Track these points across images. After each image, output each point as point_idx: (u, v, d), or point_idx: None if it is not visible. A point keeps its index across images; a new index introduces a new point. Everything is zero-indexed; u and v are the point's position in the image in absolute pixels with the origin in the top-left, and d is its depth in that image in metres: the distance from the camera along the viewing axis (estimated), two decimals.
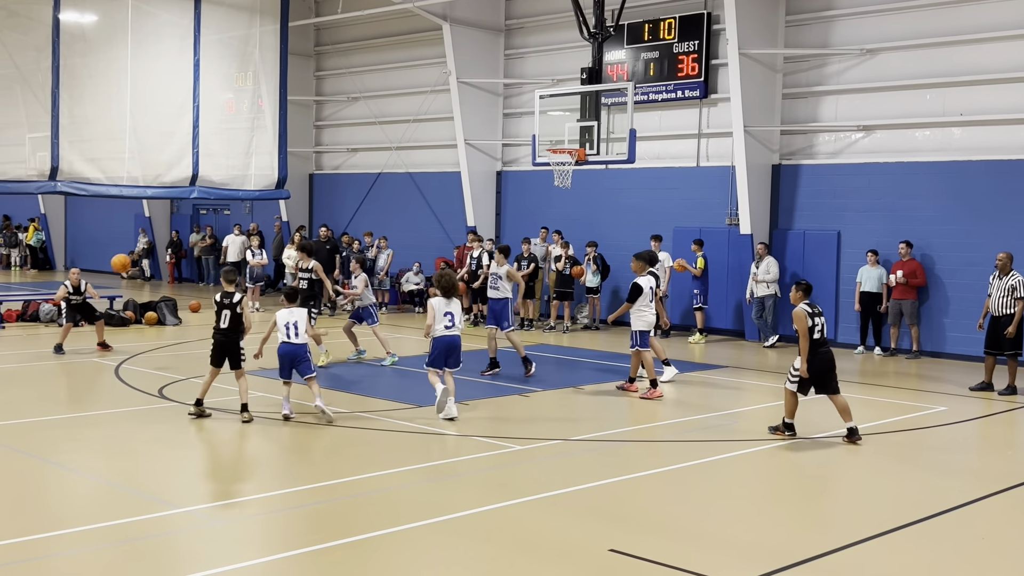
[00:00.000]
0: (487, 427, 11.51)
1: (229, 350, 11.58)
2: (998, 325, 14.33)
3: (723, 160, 20.33)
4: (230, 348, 11.58)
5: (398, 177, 26.22)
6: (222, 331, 11.53)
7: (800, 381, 10.93)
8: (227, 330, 11.52)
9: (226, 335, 11.55)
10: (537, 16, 23.40)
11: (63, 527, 7.68)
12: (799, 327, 10.77)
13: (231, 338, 11.55)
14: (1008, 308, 14.20)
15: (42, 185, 19.39)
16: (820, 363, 10.84)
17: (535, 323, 21.15)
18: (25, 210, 36.14)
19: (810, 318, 10.81)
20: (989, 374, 14.49)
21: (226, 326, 11.51)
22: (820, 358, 10.85)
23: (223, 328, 11.52)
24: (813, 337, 10.77)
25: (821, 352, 10.86)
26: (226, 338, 11.56)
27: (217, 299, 11.57)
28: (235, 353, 11.61)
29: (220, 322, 11.52)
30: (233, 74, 22.10)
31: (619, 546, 7.40)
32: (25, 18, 19.13)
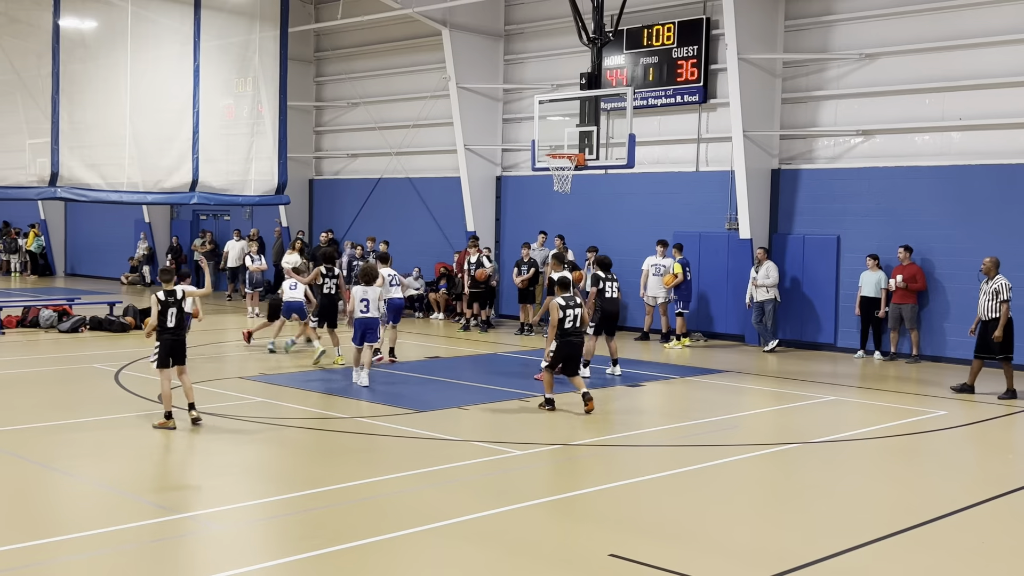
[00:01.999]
0: (486, 432, 11.51)
1: (177, 349, 11.57)
2: (987, 329, 14.37)
3: (722, 165, 20.34)
4: (180, 346, 11.60)
5: (398, 182, 26.23)
6: (171, 330, 11.50)
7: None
8: (176, 328, 11.53)
9: (175, 334, 11.55)
10: (536, 21, 23.43)
11: (63, 533, 7.67)
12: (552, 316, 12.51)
13: (180, 336, 11.60)
14: (994, 312, 14.25)
15: (42, 191, 19.38)
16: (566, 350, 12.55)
17: (535, 328, 21.13)
18: (25, 216, 36.15)
19: (562, 310, 12.50)
20: (973, 377, 14.57)
21: (173, 325, 11.50)
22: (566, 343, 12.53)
23: (171, 327, 11.49)
24: (564, 326, 12.50)
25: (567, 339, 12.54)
26: (176, 337, 11.56)
27: (161, 298, 11.47)
28: (184, 350, 11.67)
29: (167, 321, 11.45)
30: (233, 80, 22.11)
31: (619, 551, 7.40)
32: (25, 24, 19.14)
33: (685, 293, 19.66)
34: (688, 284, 19.68)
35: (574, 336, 12.60)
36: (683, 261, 19.65)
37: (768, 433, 12.25)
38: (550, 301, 12.74)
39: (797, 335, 19.49)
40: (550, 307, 12.60)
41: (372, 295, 14.43)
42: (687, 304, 19.72)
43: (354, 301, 14.37)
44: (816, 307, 19.30)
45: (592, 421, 12.40)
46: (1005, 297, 14.15)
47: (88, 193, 19.72)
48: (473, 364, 16.99)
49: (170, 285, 11.58)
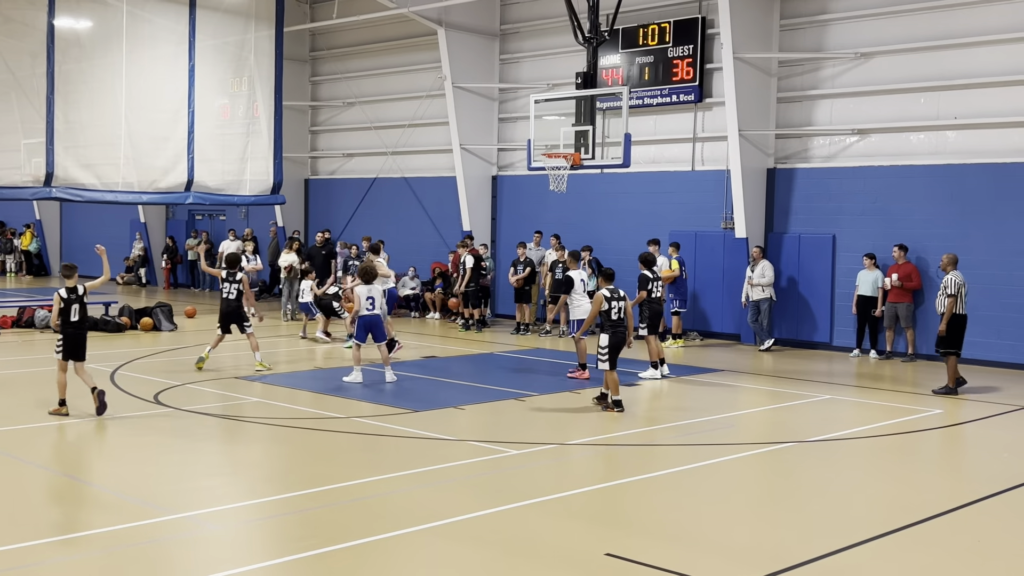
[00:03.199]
0: (483, 431, 11.51)
1: (80, 342, 11.98)
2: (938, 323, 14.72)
3: (718, 164, 20.36)
4: (81, 341, 11.99)
5: (394, 182, 26.22)
6: (73, 324, 11.92)
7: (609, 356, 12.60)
8: (78, 323, 11.95)
9: (77, 328, 11.96)
10: (532, 21, 23.43)
11: (60, 533, 7.66)
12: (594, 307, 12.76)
13: (82, 331, 12.01)
14: (942, 307, 14.48)
15: (37, 191, 19.36)
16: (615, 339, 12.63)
17: (531, 327, 21.14)
18: (20, 216, 36.08)
19: (607, 301, 12.62)
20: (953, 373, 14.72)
21: (76, 319, 11.92)
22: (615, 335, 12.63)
23: (74, 322, 11.91)
24: (612, 318, 12.59)
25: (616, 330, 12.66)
26: (77, 331, 11.97)
27: (63, 295, 11.84)
28: (84, 345, 12.02)
29: (71, 316, 11.89)
30: (228, 79, 22.09)
31: (615, 550, 7.40)
32: (20, 24, 19.11)
33: (681, 292, 19.65)
34: (684, 283, 19.68)
35: (620, 328, 12.71)
36: (680, 259, 19.66)
37: (764, 432, 12.26)
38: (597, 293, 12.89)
39: (793, 334, 19.51)
40: (595, 299, 12.82)
41: (377, 292, 14.67)
42: (683, 303, 19.71)
43: (359, 300, 14.48)
44: (812, 306, 19.32)
45: (588, 420, 12.41)
46: (952, 291, 14.30)
47: (83, 193, 19.70)
48: (469, 363, 17.00)
49: (72, 282, 11.96)
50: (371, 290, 14.56)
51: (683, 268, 19.64)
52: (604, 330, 12.72)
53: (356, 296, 14.57)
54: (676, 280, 19.47)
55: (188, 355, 17.12)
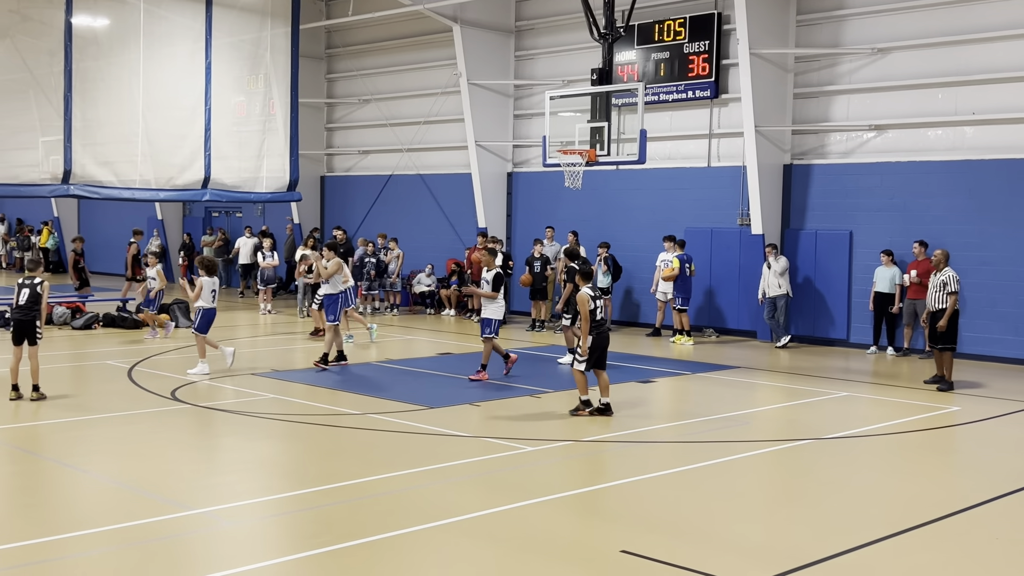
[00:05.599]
0: (498, 428, 11.52)
1: (26, 328, 12.16)
2: (933, 319, 14.62)
3: (734, 160, 20.30)
4: (27, 326, 12.16)
5: (409, 179, 26.26)
6: (19, 308, 12.16)
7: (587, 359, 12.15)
8: (24, 307, 12.14)
9: (23, 312, 12.14)
10: (547, 17, 23.41)
11: (77, 529, 7.71)
12: (582, 310, 12.08)
13: (28, 316, 12.15)
14: (941, 303, 14.46)
15: (55, 188, 19.47)
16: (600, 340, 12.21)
17: (546, 324, 21.14)
18: (38, 213, 36.31)
19: (592, 301, 12.11)
20: (939, 367, 14.75)
21: (23, 303, 12.13)
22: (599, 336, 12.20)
23: (20, 305, 12.15)
24: (595, 318, 12.13)
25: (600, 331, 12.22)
26: (23, 315, 12.14)
27: (19, 281, 12.32)
28: (31, 330, 12.20)
29: (18, 300, 12.14)
30: (244, 77, 22.16)
31: (630, 547, 7.39)
32: (38, 22, 19.21)
33: (684, 289, 19.54)
34: (687, 280, 19.56)
35: (604, 328, 12.40)
36: (682, 257, 19.60)
37: (780, 429, 12.22)
38: (580, 294, 12.24)
39: (809, 331, 19.44)
40: (580, 299, 12.13)
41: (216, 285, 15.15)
42: (686, 300, 19.62)
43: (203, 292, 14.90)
44: (828, 303, 19.25)
45: (602, 417, 12.39)
46: (953, 288, 14.37)
47: (101, 190, 19.80)
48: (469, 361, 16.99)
49: (33, 275, 12.32)
50: (214, 283, 14.94)
51: (686, 266, 19.54)
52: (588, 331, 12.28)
53: (199, 287, 14.89)
54: (679, 277, 19.42)
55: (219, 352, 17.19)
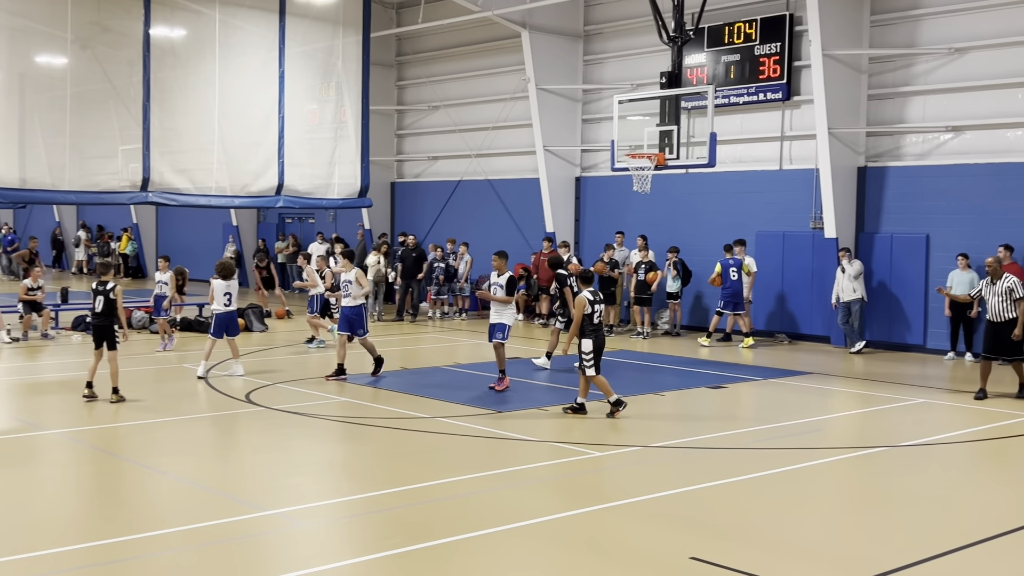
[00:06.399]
0: (566, 433, 11.51)
1: (104, 333, 12.57)
2: (997, 330, 13.91)
3: (807, 163, 20.02)
4: (105, 331, 12.57)
5: (477, 184, 26.38)
6: (96, 315, 12.63)
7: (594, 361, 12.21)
8: (100, 314, 12.57)
9: (101, 318, 12.57)
10: (616, 21, 23.35)
11: (154, 528, 7.89)
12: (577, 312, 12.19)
13: (105, 321, 12.55)
14: (1008, 312, 13.81)
15: (134, 196, 19.97)
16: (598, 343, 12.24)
17: (615, 329, 21.07)
18: (118, 220, 37.28)
19: (590, 304, 12.18)
20: (985, 380, 14.07)
21: (100, 310, 12.55)
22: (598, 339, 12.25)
23: (97, 312, 12.60)
24: (593, 321, 12.20)
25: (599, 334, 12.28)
26: (101, 321, 12.56)
27: (94, 287, 12.72)
28: (110, 335, 12.58)
29: (95, 307, 12.61)
30: (317, 85, 22.49)
31: (700, 554, 7.34)
32: (118, 33, 19.73)
33: (730, 294, 19.41)
34: (734, 284, 19.38)
35: (602, 331, 12.43)
36: (726, 262, 19.48)
37: (853, 436, 12.02)
38: (579, 297, 12.31)
39: (885, 336, 19.07)
40: (578, 301, 12.27)
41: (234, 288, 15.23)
42: (731, 306, 19.45)
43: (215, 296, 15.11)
44: (904, 307, 18.87)
45: (673, 423, 12.32)
46: (1021, 294, 13.73)
47: (178, 197, 20.27)
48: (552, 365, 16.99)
49: (106, 278, 12.71)
50: (228, 286, 15.02)
51: (732, 270, 19.33)
52: (585, 335, 12.28)
53: (212, 291, 15.06)
54: (724, 282, 19.37)
55: (278, 355, 17.49)
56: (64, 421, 11.91)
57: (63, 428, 11.53)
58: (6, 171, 18.16)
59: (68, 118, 19.10)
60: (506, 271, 14.37)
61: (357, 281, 14.87)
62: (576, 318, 12.26)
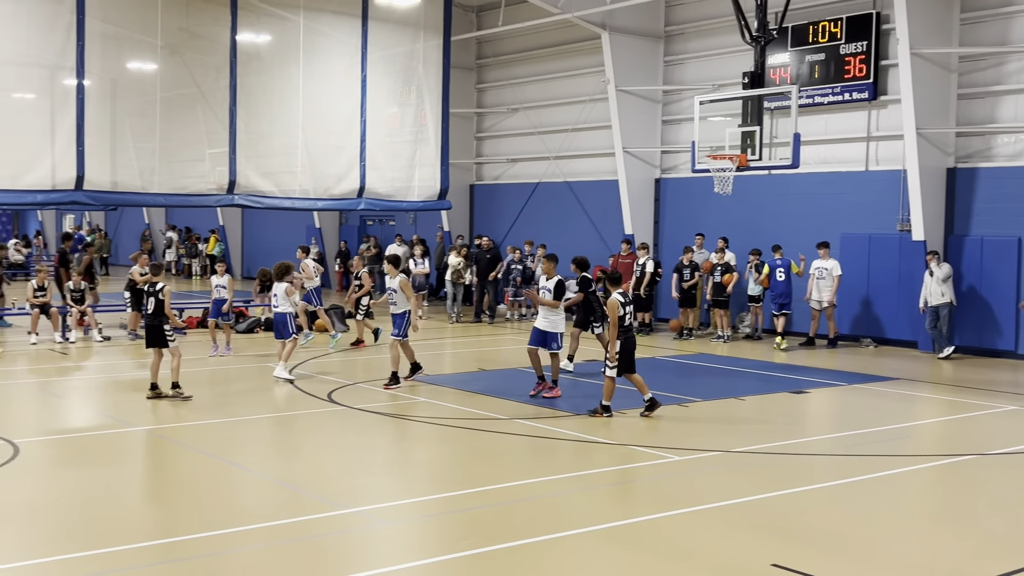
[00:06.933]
0: (644, 436, 11.43)
1: (155, 333, 12.89)
2: None
3: (894, 164, 19.57)
4: (156, 331, 12.88)
5: (556, 186, 26.37)
6: (147, 316, 13.00)
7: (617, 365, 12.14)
8: (151, 315, 12.89)
9: (151, 319, 12.88)
10: (697, 22, 23.13)
11: (237, 525, 8.05)
12: (612, 315, 12.11)
13: (155, 321, 12.85)
14: None
15: (221, 198, 20.43)
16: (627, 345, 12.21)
17: (694, 332, 20.86)
18: (206, 222, 38.17)
19: (622, 307, 12.12)
20: None
21: (150, 311, 12.88)
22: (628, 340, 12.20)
23: (148, 313, 12.96)
24: (623, 323, 12.14)
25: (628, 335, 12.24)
26: (152, 321, 12.89)
27: (145, 289, 13.13)
28: (161, 335, 12.91)
29: (146, 308, 12.95)
30: (398, 89, 22.74)
31: (782, 561, 7.21)
32: (205, 40, 20.21)
33: (779, 295, 19.44)
34: (781, 285, 19.47)
35: (631, 332, 12.36)
36: (772, 263, 19.55)
37: (941, 444, 11.71)
38: (611, 300, 12.19)
39: (974, 341, 18.54)
40: (610, 305, 12.12)
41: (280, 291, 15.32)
42: (782, 307, 19.52)
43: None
44: (995, 312, 18.31)
45: (753, 428, 12.15)
46: None
47: (263, 200, 20.68)
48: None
49: (156, 278, 13.02)
50: (275, 287, 15.24)
51: (779, 271, 19.40)
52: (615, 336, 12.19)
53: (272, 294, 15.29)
54: (772, 284, 19.49)
55: (359, 356, 17.70)
56: (151, 418, 12.22)
57: (150, 425, 11.83)
58: (99, 174, 18.71)
59: (158, 123, 19.62)
60: (555, 275, 13.94)
61: (402, 289, 14.36)
62: (612, 320, 12.19)
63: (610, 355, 12.16)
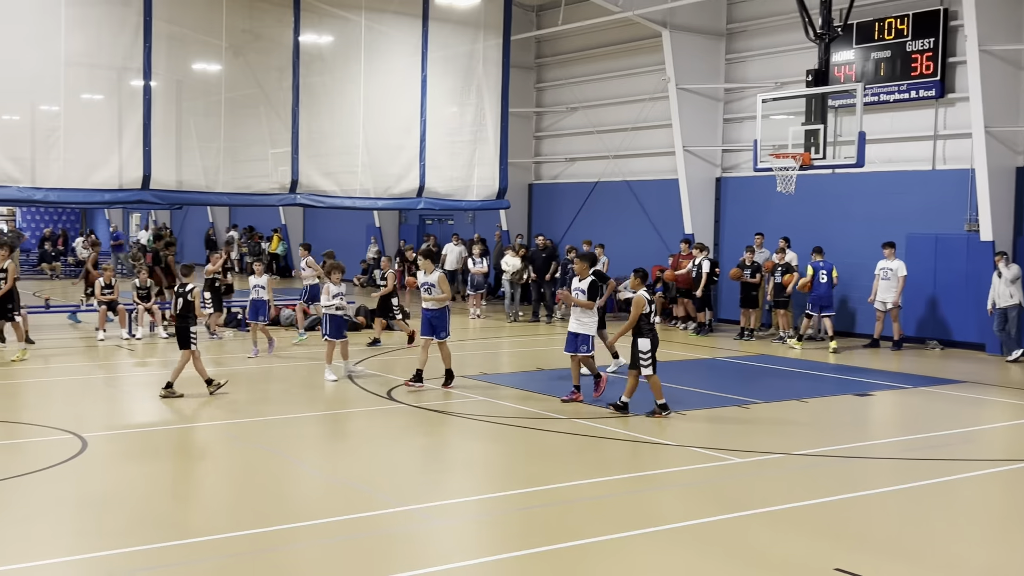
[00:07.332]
0: (704, 438, 11.33)
1: (181, 334, 12.98)
2: None
3: (961, 163, 19.17)
4: (182, 332, 12.97)
5: (615, 185, 26.26)
6: (175, 316, 13.13)
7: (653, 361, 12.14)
8: (178, 316, 13.02)
9: (179, 320, 13.02)
10: (760, 19, 22.88)
11: (296, 520, 8.12)
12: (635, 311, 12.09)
13: (181, 324, 12.96)
14: None
15: (283, 198, 20.68)
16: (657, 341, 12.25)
17: (755, 333, 20.63)
18: (268, 221, 38.68)
19: (648, 304, 12.21)
20: None
21: (177, 312, 13.03)
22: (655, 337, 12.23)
23: (175, 314, 13.09)
24: (649, 320, 12.21)
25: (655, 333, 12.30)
26: (179, 323, 13.02)
27: (176, 289, 13.27)
28: (185, 336, 12.97)
29: (175, 308, 13.09)
30: (458, 88, 22.82)
31: (845, 565, 7.10)
32: (269, 40, 20.48)
33: (819, 297, 19.20)
34: (822, 286, 19.20)
35: (655, 331, 12.39)
36: (817, 264, 19.23)
37: (1008, 448, 11.45)
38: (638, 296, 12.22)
39: None
40: (637, 301, 12.14)
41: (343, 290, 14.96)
42: (823, 308, 19.28)
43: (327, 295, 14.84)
44: None
45: (816, 431, 11.99)
46: None
47: (324, 199, 20.90)
48: (691, 369, 16.78)
49: (185, 279, 13.17)
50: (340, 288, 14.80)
51: (821, 272, 19.16)
52: (643, 333, 12.13)
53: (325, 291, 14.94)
54: (814, 285, 19.19)
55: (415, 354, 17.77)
56: (213, 413, 12.41)
57: (213, 420, 12.01)
58: (164, 174, 19.06)
59: (222, 123, 19.93)
60: (588, 275, 13.42)
61: (439, 285, 14.01)
62: (633, 317, 12.18)
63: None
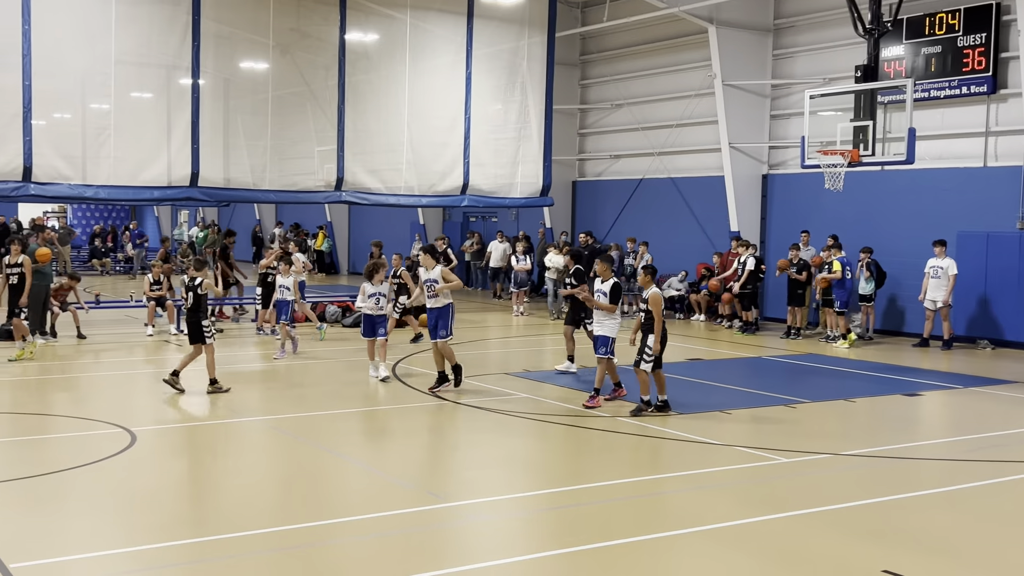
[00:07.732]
0: (751, 437, 11.23)
1: (193, 329, 13.00)
2: None
3: (1014, 159, 18.82)
4: (195, 327, 12.99)
5: (660, 183, 26.12)
6: (187, 310, 13.10)
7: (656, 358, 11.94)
8: (189, 310, 13.02)
9: (190, 314, 13.03)
10: (808, 14, 22.64)
11: (340, 515, 8.18)
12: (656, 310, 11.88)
13: (194, 317, 12.96)
14: None
15: (329, 195, 20.84)
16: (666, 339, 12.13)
17: (802, 331, 20.42)
18: (314, 218, 38.97)
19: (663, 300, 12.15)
20: None
21: (188, 306, 13.02)
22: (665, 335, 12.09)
23: (187, 308, 13.09)
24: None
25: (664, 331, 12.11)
26: (190, 317, 13.03)
27: (186, 282, 13.21)
28: (199, 331, 12.97)
29: (186, 302, 13.09)
30: (502, 85, 22.84)
31: (893, 567, 7.01)
32: (315, 39, 20.65)
33: (841, 292, 19.22)
34: (848, 281, 19.24)
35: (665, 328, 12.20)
36: (843, 260, 19.14)
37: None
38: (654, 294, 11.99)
39: None
40: (655, 300, 11.94)
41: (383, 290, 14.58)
42: (844, 303, 19.27)
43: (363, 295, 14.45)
44: None
45: (864, 431, 11.84)
46: None
47: (369, 197, 21.03)
48: (737, 367, 16.65)
49: (195, 273, 13.08)
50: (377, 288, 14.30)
51: (847, 268, 19.13)
52: (654, 331, 11.96)
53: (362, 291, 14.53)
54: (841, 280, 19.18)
55: (460, 351, 17.81)
56: (260, 408, 12.53)
57: (261, 416, 12.13)
58: (213, 171, 19.29)
59: (269, 121, 20.14)
60: (611, 277, 12.84)
61: (443, 278, 13.53)
62: (657, 316, 11.92)
63: (654, 349, 11.87)
